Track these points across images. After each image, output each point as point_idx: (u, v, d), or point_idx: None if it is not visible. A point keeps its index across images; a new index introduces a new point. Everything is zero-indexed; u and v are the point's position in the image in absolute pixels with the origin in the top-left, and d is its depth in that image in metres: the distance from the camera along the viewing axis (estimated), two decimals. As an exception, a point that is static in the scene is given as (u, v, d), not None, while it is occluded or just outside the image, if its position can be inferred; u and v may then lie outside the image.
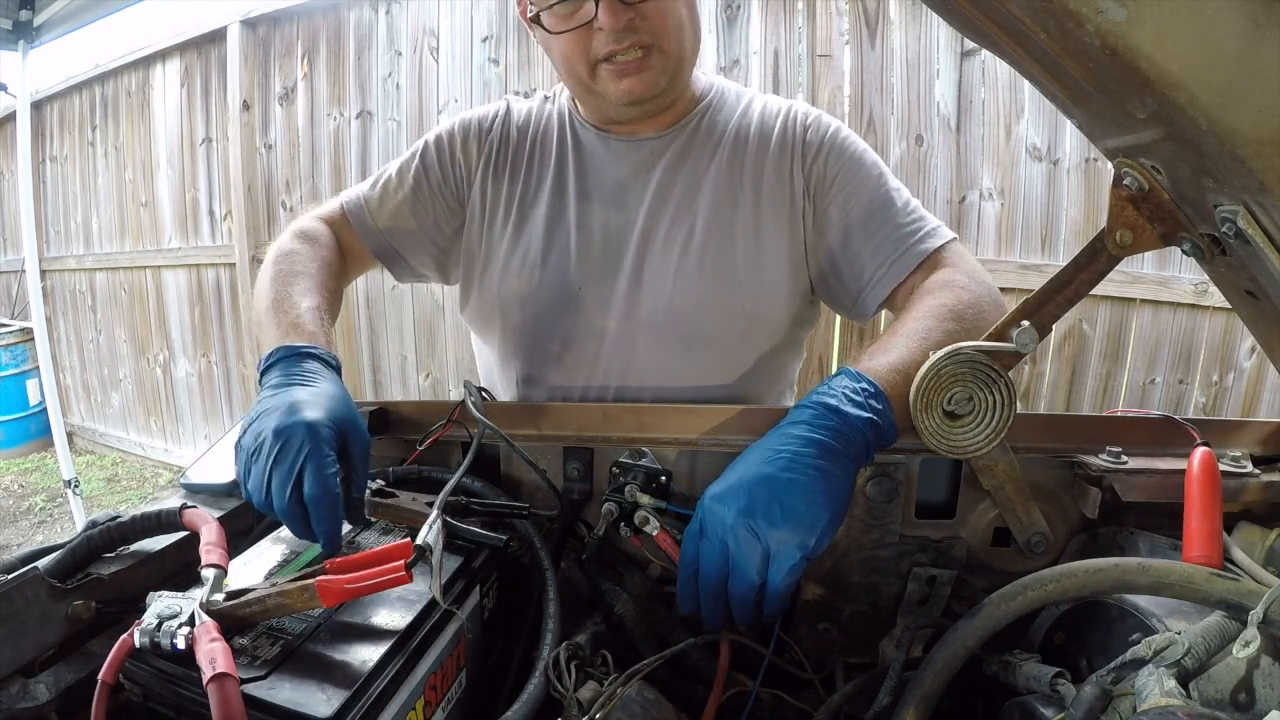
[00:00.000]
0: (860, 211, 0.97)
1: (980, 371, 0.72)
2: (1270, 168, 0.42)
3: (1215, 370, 2.39)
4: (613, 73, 0.91)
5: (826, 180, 0.98)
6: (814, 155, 0.99)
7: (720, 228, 0.98)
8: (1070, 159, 2.41)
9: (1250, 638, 0.48)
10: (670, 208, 1.00)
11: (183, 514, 0.63)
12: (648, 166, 1.01)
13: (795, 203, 0.99)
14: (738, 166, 1.00)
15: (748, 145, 1.01)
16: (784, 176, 0.99)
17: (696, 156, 1.01)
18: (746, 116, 1.03)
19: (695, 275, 0.97)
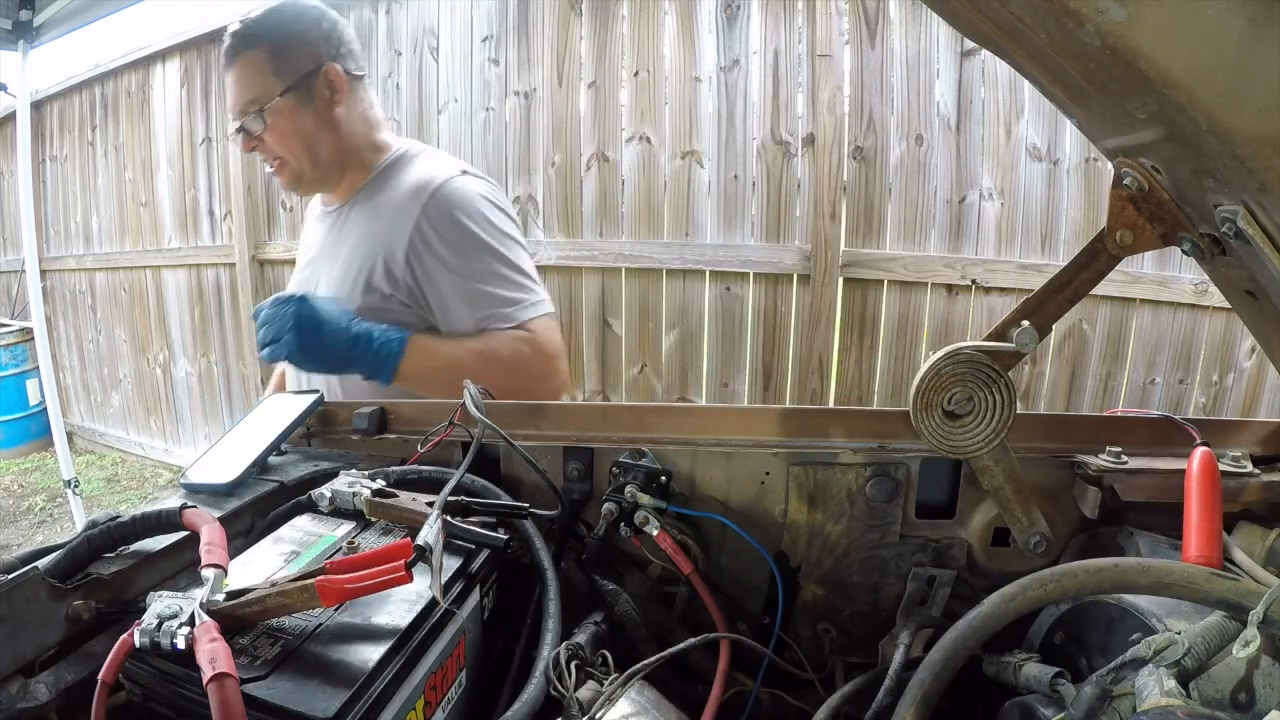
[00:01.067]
0: (448, 289, 1.22)
1: (980, 371, 0.72)
2: (1270, 168, 0.42)
3: (1215, 370, 2.39)
4: (273, 174, 1.33)
5: (429, 240, 1.22)
6: (423, 226, 1.22)
7: (345, 275, 1.26)
8: (1070, 159, 2.41)
9: (1250, 638, 0.48)
10: (330, 263, 1.32)
11: (183, 514, 0.63)
12: (329, 228, 1.37)
13: (398, 256, 1.22)
14: (372, 228, 1.27)
15: (386, 208, 1.27)
16: (399, 235, 1.23)
17: (356, 220, 1.31)
18: (400, 185, 1.28)
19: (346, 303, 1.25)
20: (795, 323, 2.74)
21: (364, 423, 0.92)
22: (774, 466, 0.83)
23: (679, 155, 2.76)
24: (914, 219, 2.58)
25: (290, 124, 1.24)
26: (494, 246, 1.24)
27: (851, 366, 2.73)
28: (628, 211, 2.86)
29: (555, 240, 2.97)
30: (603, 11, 2.79)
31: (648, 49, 2.76)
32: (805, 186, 2.65)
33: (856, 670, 0.77)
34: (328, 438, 0.96)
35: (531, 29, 2.89)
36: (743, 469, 0.83)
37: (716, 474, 0.84)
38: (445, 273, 1.21)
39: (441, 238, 1.21)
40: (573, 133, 2.89)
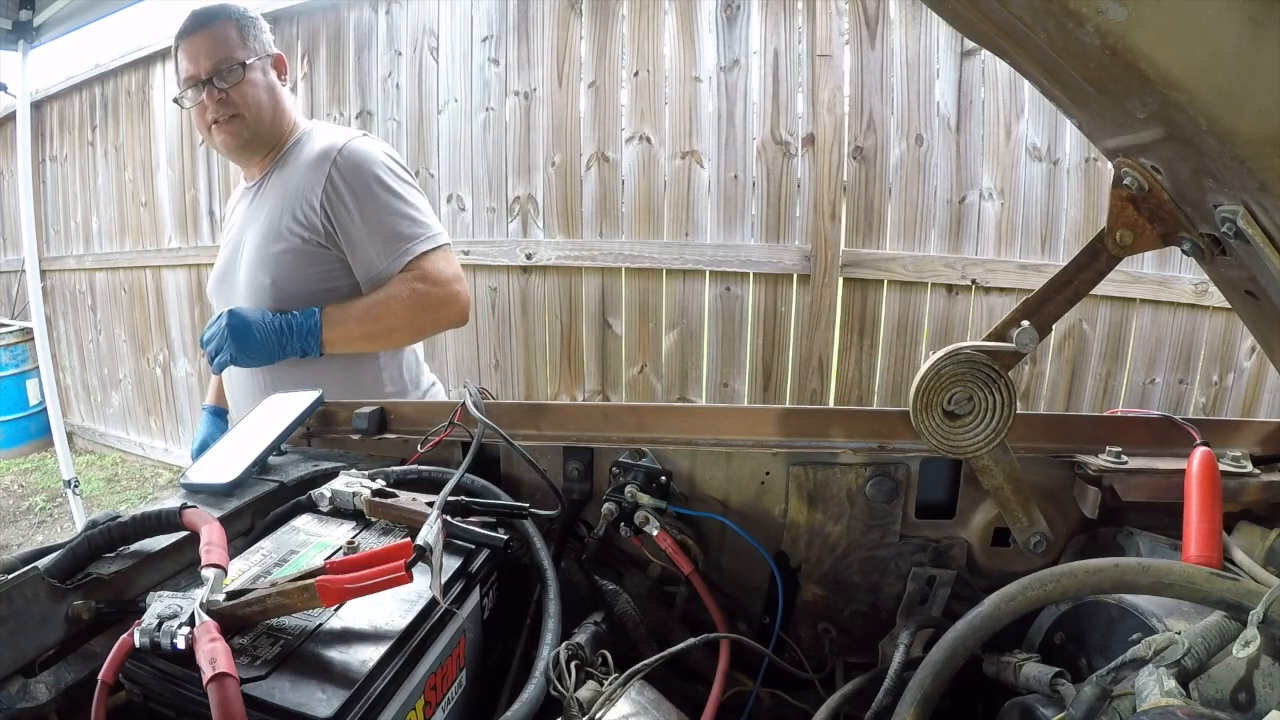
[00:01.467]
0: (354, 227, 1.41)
1: (980, 371, 0.72)
2: (1270, 168, 0.42)
3: (1215, 370, 2.39)
4: (217, 129, 1.46)
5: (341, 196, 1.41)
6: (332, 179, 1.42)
7: (265, 231, 1.44)
8: (1070, 159, 2.41)
9: (1250, 638, 0.48)
10: (253, 227, 1.48)
11: (183, 514, 0.63)
12: (248, 202, 1.54)
13: (314, 209, 1.41)
14: (284, 186, 1.45)
15: (296, 172, 1.45)
16: (309, 189, 1.41)
17: (271, 189, 1.48)
18: (309, 152, 1.46)
19: (247, 264, 1.45)
20: (795, 323, 2.74)
21: (364, 423, 0.92)
22: (774, 466, 0.83)
23: (679, 155, 2.76)
24: (914, 219, 2.58)
25: (255, 87, 1.45)
26: (394, 190, 1.45)
27: (851, 366, 2.73)
28: (628, 211, 2.86)
29: (555, 240, 2.97)
30: (603, 11, 2.79)
31: (648, 49, 2.76)
32: (805, 186, 2.65)
33: (856, 670, 0.77)
34: (328, 438, 0.96)
35: (531, 29, 2.89)
36: (743, 469, 0.83)
37: (716, 474, 0.84)
38: (354, 214, 1.42)
39: (349, 186, 1.41)
40: (573, 133, 2.89)
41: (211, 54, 1.41)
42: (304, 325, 1.38)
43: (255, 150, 1.51)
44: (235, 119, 1.44)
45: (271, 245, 1.43)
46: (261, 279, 1.44)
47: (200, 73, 1.41)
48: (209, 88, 1.41)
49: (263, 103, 1.47)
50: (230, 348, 1.33)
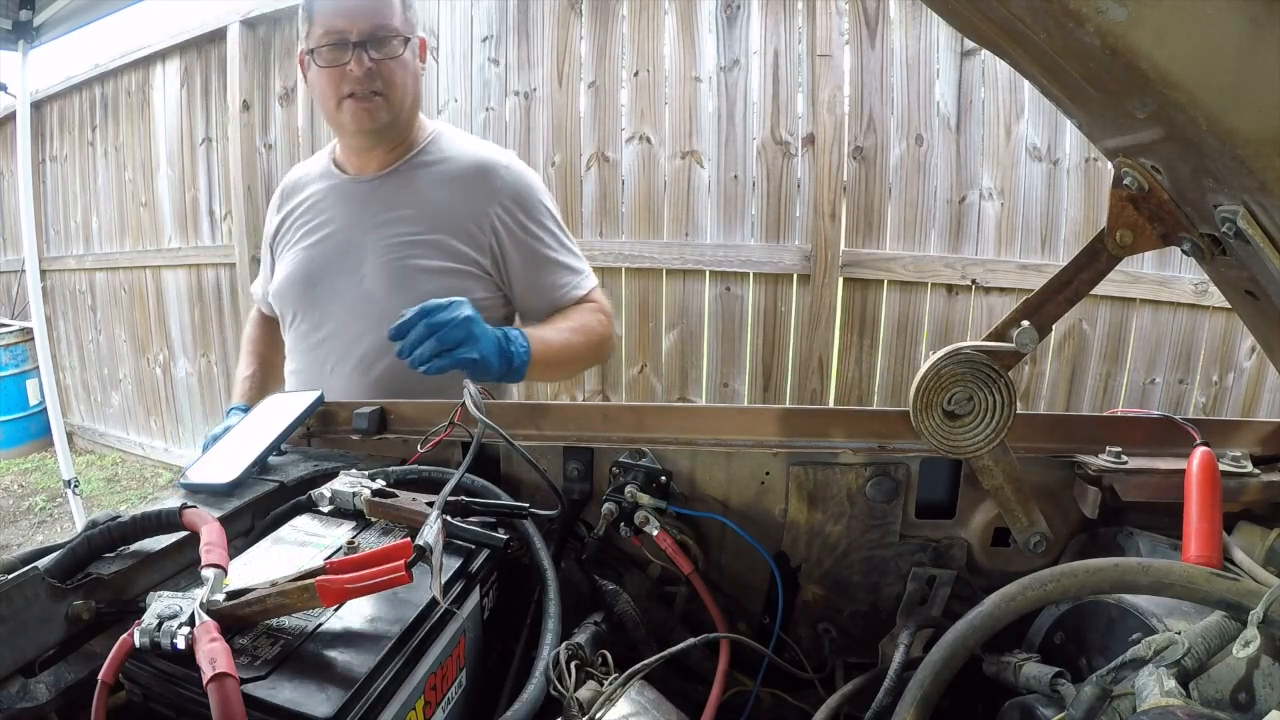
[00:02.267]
0: (529, 256, 1.33)
1: (980, 371, 0.72)
2: (1270, 168, 0.42)
3: (1215, 370, 2.39)
4: (352, 105, 1.25)
5: (509, 227, 1.31)
6: (503, 205, 1.31)
7: (412, 243, 1.29)
8: (1070, 159, 2.41)
9: (1250, 638, 0.48)
10: (379, 229, 1.30)
11: (183, 514, 0.63)
12: (365, 198, 1.34)
13: (484, 233, 1.31)
14: (436, 199, 1.31)
15: (447, 185, 1.32)
16: (474, 211, 1.30)
17: (404, 191, 1.32)
18: (457, 161, 1.35)
19: (387, 275, 1.28)
20: (795, 323, 2.74)
21: (364, 423, 0.92)
22: (774, 466, 0.83)
23: (679, 155, 2.76)
24: (914, 219, 2.58)
25: (405, 68, 1.27)
26: (558, 219, 1.38)
27: (851, 366, 2.73)
28: (628, 211, 2.86)
29: (555, 240, 2.96)
30: (603, 11, 2.79)
31: (648, 49, 2.76)
32: (805, 186, 2.65)
33: (856, 670, 0.77)
34: (328, 438, 0.96)
35: (531, 29, 2.89)
36: (743, 469, 0.83)
37: (716, 474, 0.84)
38: (525, 245, 1.32)
39: (525, 213, 1.32)
40: (573, 133, 2.89)
41: (371, 15, 1.22)
42: (520, 342, 1.14)
43: (386, 139, 1.32)
44: (377, 97, 1.25)
45: (420, 261, 1.26)
46: (413, 298, 1.17)
47: (353, 32, 1.21)
48: (358, 51, 1.20)
49: (408, 87, 1.29)
50: (469, 345, 1.04)
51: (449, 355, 1.02)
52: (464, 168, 1.33)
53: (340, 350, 1.30)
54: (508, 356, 1.11)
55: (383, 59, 1.23)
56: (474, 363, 1.04)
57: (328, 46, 1.22)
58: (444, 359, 1.02)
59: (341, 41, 1.21)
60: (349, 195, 1.36)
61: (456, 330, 1.03)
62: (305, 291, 1.34)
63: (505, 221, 1.31)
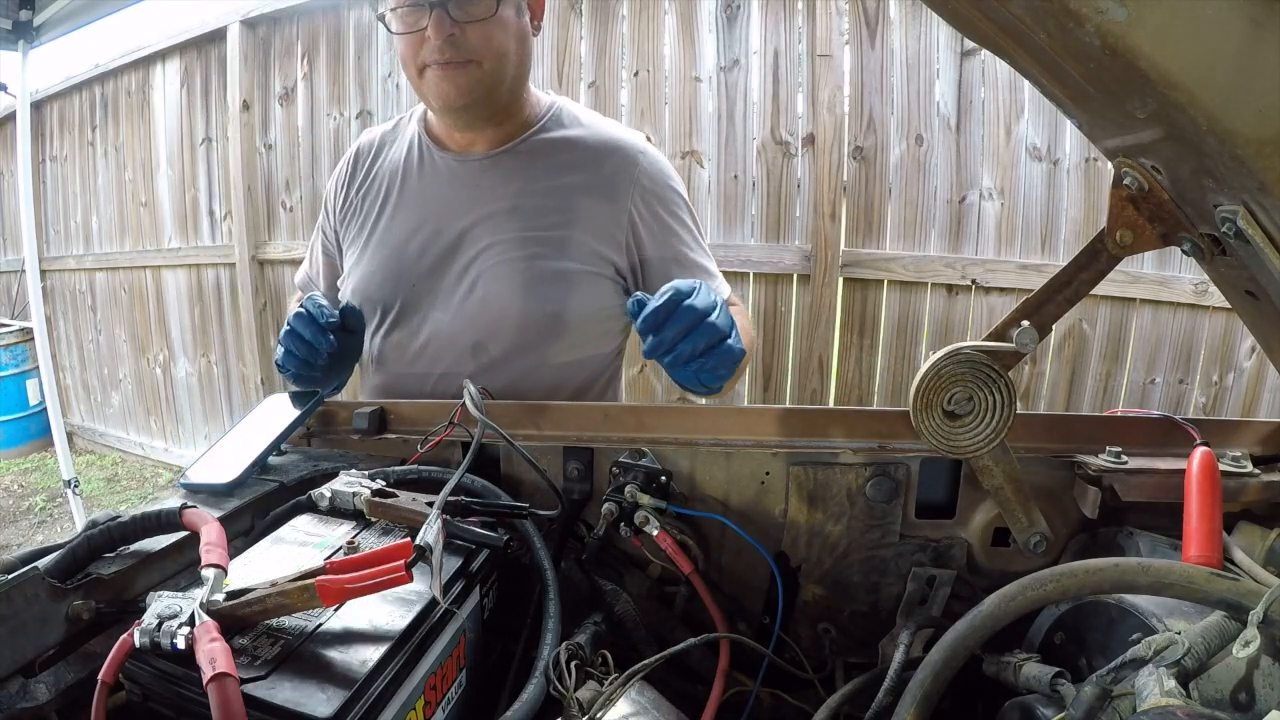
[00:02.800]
0: (670, 255, 1.16)
1: (980, 371, 0.72)
2: (1270, 168, 0.42)
3: (1215, 370, 2.39)
4: (436, 74, 1.04)
5: (649, 223, 1.14)
6: (643, 196, 1.13)
7: (535, 238, 1.10)
8: (1070, 159, 2.41)
9: (1250, 638, 0.48)
10: (492, 220, 1.11)
11: (183, 514, 0.63)
12: (474, 182, 1.13)
13: (620, 229, 1.13)
14: (562, 185, 1.11)
15: (576, 169, 1.13)
16: (610, 203, 1.12)
17: (522, 175, 1.12)
18: (583, 141, 1.15)
19: (505, 277, 1.10)
20: (795, 323, 2.74)
21: (364, 423, 0.92)
22: (774, 466, 0.83)
23: (679, 155, 2.76)
24: (914, 219, 2.58)
25: (505, 30, 1.04)
26: (695, 219, 1.21)
27: (851, 366, 2.73)
28: (628, 211, 2.86)
29: (555, 240, 2.97)
30: (603, 11, 2.78)
31: (648, 49, 2.76)
32: (805, 186, 2.65)
33: (856, 670, 0.77)
34: (328, 438, 0.96)
35: (531, 29, 2.89)
36: (743, 469, 0.83)
37: (716, 474, 0.84)
38: (666, 245, 1.15)
39: (664, 206, 1.14)
40: (573, 133, 2.88)
41: None
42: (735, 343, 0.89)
43: (482, 113, 1.09)
44: (469, 65, 1.02)
45: (546, 263, 1.08)
46: (542, 305, 1.08)
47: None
48: (438, 12, 0.98)
49: (509, 53, 1.05)
50: (732, 336, 0.84)
51: (715, 353, 0.82)
52: (597, 149, 1.13)
53: (448, 362, 1.12)
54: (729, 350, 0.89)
55: (471, 21, 0.99)
56: (735, 359, 0.84)
57: (405, 7, 1.01)
58: (710, 357, 0.82)
59: (418, 3, 0.99)
60: (452, 176, 1.14)
61: (723, 317, 0.83)
62: (398, 290, 1.13)
63: (644, 216, 1.12)
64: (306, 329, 0.97)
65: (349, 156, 1.27)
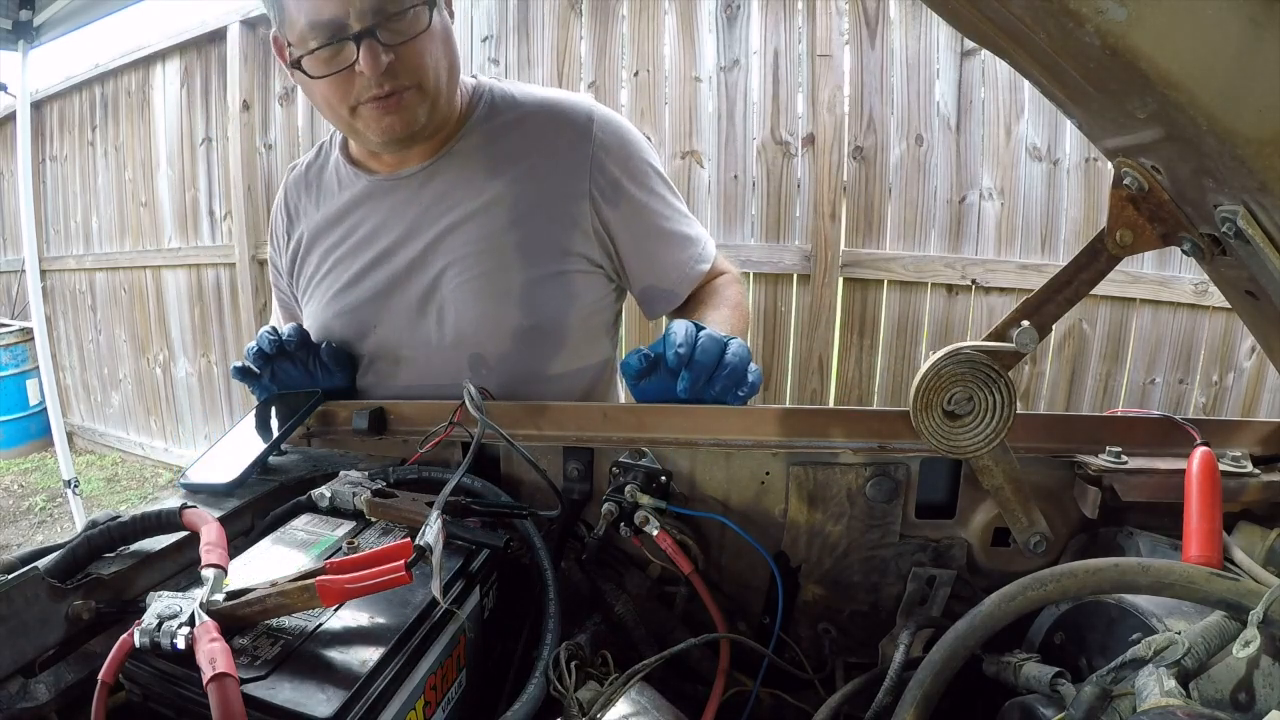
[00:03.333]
0: (646, 231, 1.06)
1: (980, 371, 0.72)
2: (1270, 168, 0.42)
3: (1215, 370, 2.39)
4: (373, 111, 0.91)
5: (615, 201, 1.03)
6: (603, 162, 1.01)
7: (492, 248, 0.99)
8: (1070, 159, 2.41)
9: (1250, 638, 0.48)
10: (443, 240, 1.01)
11: (183, 514, 0.63)
12: (413, 200, 1.02)
13: (583, 215, 1.01)
14: (509, 180, 1.00)
15: (520, 157, 1.01)
16: (566, 189, 1.01)
17: (464, 181, 1.01)
18: (521, 124, 1.03)
19: (471, 300, 1.00)
20: (795, 323, 2.74)
21: (364, 423, 0.92)
22: (774, 466, 0.83)
23: (679, 155, 2.76)
24: (914, 219, 2.59)
25: (437, 30, 0.92)
26: (667, 181, 1.08)
27: (851, 366, 2.73)
28: (628, 211, 2.86)
29: (555, 240, 2.97)
30: (603, 11, 2.79)
31: (648, 49, 2.77)
32: (805, 186, 2.65)
33: (856, 670, 0.77)
34: (328, 438, 0.96)
35: (531, 29, 2.89)
36: (743, 469, 0.83)
37: (716, 474, 0.84)
38: (639, 219, 1.03)
39: (628, 174, 1.02)
40: (573, 133, 2.89)
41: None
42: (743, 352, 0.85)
43: (424, 134, 0.98)
44: (408, 90, 0.91)
45: (514, 275, 0.99)
46: (515, 319, 0.99)
47: (350, 14, 0.83)
48: (367, 43, 0.84)
49: (443, 63, 0.94)
50: (752, 369, 0.83)
51: (744, 387, 0.82)
52: (540, 129, 1.01)
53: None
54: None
55: (403, 42, 0.87)
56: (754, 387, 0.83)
57: (318, 44, 0.85)
58: (740, 392, 0.82)
59: (337, 33, 0.84)
60: (389, 200, 1.03)
61: (742, 351, 0.81)
62: (361, 339, 1.04)
63: (608, 192, 1.01)
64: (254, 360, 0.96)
65: (279, 206, 1.17)
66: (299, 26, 0.86)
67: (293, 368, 0.98)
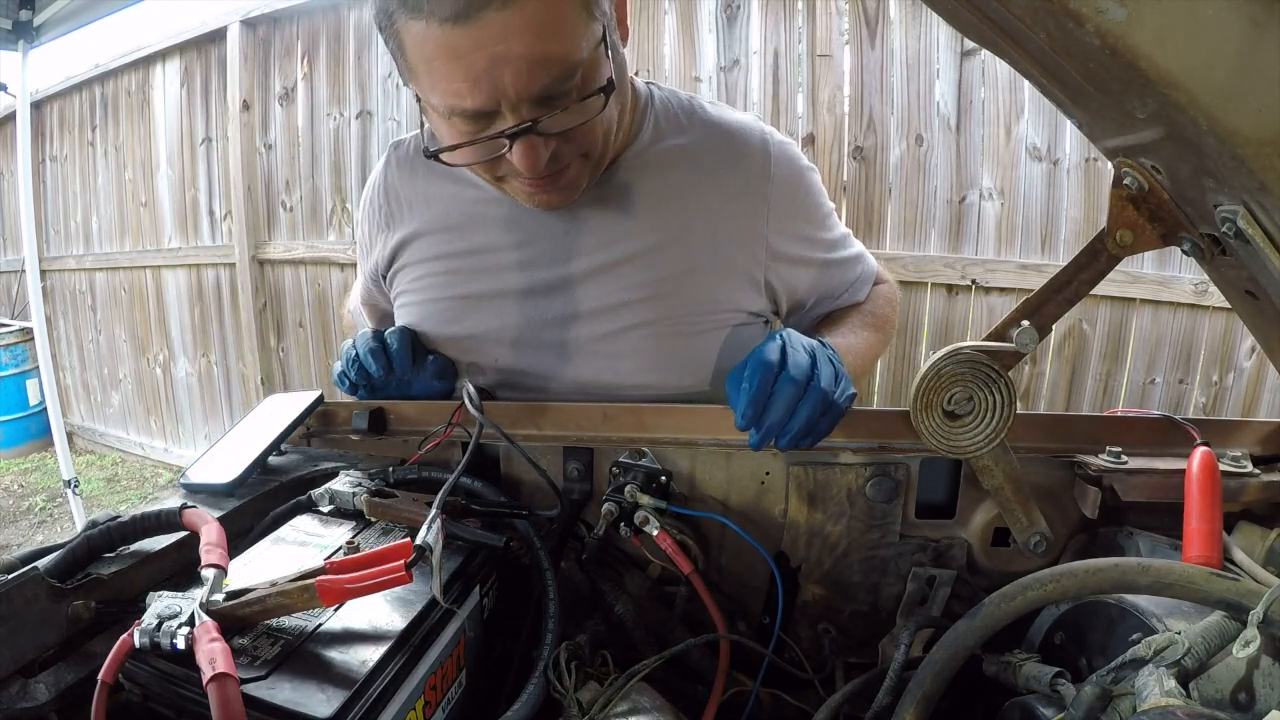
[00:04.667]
0: (819, 274, 1.00)
1: (980, 371, 0.72)
2: (1270, 168, 0.42)
3: (1215, 370, 2.39)
4: (525, 189, 0.81)
5: (788, 218, 0.94)
6: (779, 205, 0.93)
7: (648, 298, 0.89)
8: (1070, 159, 2.41)
9: (1250, 638, 0.48)
10: (595, 277, 0.90)
11: (183, 514, 0.63)
12: (567, 228, 0.90)
13: (755, 229, 0.92)
14: (672, 222, 0.89)
15: (690, 192, 0.90)
16: (741, 201, 0.91)
17: (624, 210, 0.89)
18: (691, 155, 0.91)
19: (614, 356, 0.90)
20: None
21: (364, 423, 0.92)
22: (774, 466, 0.83)
23: (679, 155, 2.76)
24: (914, 219, 2.58)
25: (610, 98, 0.74)
26: (832, 208, 1.01)
27: (851, 366, 2.73)
28: (628, 211, 2.86)
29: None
30: (603, 11, 2.78)
31: (648, 49, 2.76)
32: (805, 186, 2.65)
33: (856, 670, 0.77)
34: (328, 438, 0.96)
35: (531, 29, 2.89)
36: (743, 469, 0.83)
37: (716, 474, 0.84)
38: (814, 261, 0.96)
39: (807, 218, 0.94)
40: (573, 133, 2.88)
41: (531, 65, 0.65)
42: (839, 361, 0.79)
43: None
44: (574, 165, 0.80)
45: (676, 336, 0.89)
46: (662, 380, 0.91)
47: (503, 102, 0.68)
48: (526, 139, 0.70)
49: (614, 120, 0.81)
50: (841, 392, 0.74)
51: (827, 417, 0.73)
52: (713, 154, 0.90)
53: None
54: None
55: (570, 129, 0.73)
56: (842, 412, 0.75)
57: (460, 119, 0.70)
58: (824, 421, 0.73)
59: (485, 118, 0.70)
60: (528, 220, 0.90)
61: (825, 373, 0.73)
62: (474, 367, 0.96)
63: (787, 240, 0.92)
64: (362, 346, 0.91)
65: (377, 190, 1.01)
66: (434, 104, 0.71)
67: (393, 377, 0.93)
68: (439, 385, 0.95)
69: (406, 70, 0.71)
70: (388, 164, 1.02)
